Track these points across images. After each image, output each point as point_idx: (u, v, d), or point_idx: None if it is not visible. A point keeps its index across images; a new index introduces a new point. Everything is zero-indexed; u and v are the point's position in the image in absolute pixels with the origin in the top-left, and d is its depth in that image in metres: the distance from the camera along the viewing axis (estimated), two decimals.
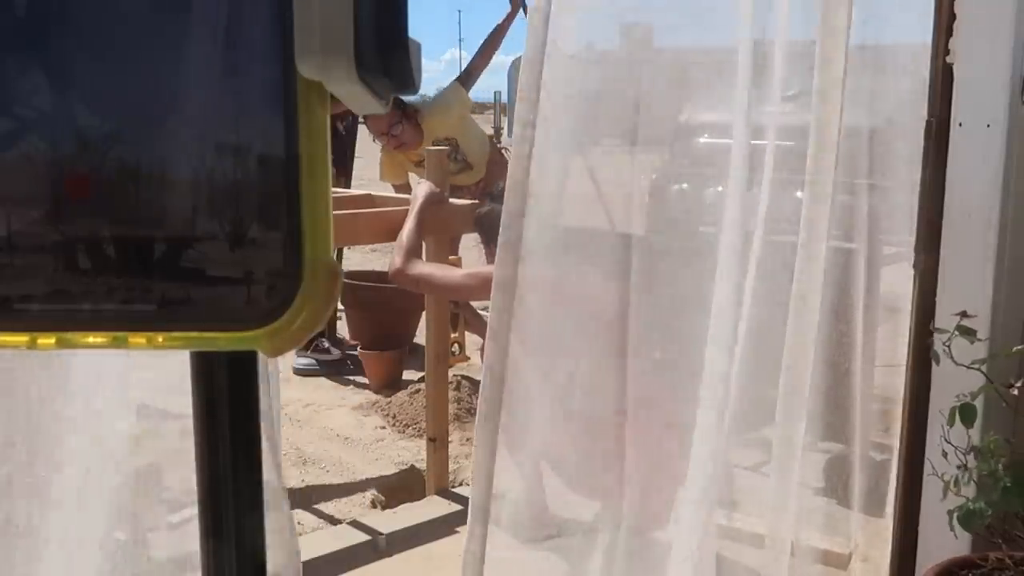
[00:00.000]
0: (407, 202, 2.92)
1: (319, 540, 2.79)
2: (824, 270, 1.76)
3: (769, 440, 1.84)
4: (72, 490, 1.07)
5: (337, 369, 4.64)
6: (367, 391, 4.40)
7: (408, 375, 4.43)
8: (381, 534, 2.79)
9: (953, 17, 1.80)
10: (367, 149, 5.11)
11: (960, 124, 1.83)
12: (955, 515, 1.61)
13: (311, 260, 0.33)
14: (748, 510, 2.01)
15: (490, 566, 1.82)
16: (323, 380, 4.59)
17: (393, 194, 3.85)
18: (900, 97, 2.02)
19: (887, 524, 2.08)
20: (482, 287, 2.54)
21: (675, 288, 1.85)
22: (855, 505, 2.13)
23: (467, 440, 3.69)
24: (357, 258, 6.80)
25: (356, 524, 2.91)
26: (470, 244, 4.20)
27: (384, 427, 3.99)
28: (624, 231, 1.93)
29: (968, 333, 1.63)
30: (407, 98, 4.12)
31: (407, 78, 0.35)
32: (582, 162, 2.00)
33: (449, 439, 3.29)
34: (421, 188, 2.92)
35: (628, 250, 1.85)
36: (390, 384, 4.36)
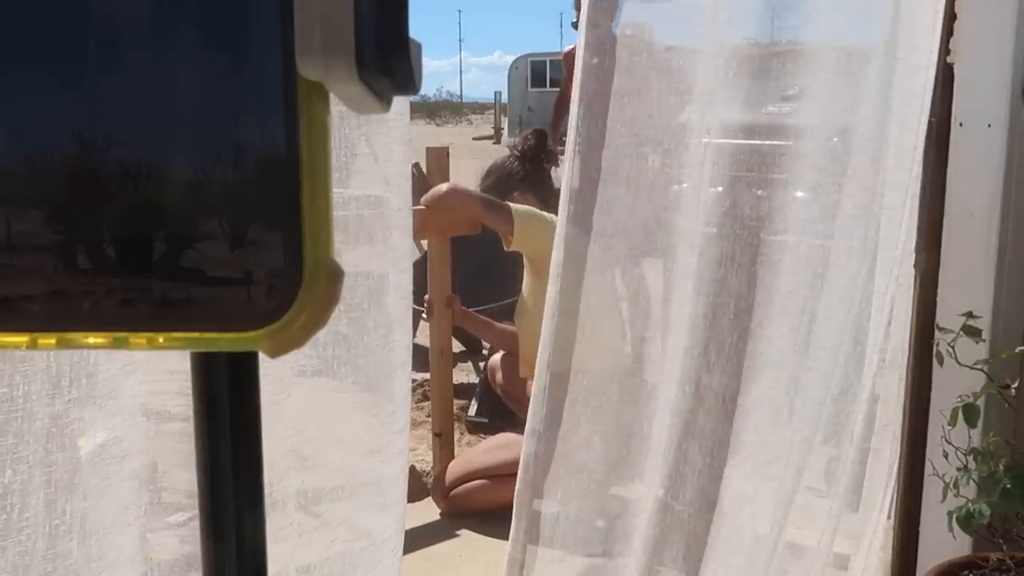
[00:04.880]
0: None
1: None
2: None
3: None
4: None
5: None
6: None
7: None
8: None
9: (953, 17, 1.80)
10: None
11: (960, 124, 1.83)
12: (954, 516, 1.61)
13: (312, 260, 0.33)
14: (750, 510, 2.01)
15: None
16: None
17: None
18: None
19: (883, 523, 2.08)
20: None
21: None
22: (854, 504, 2.13)
23: (468, 443, 3.69)
24: None
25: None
26: None
27: None
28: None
29: (973, 333, 1.63)
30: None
31: (408, 79, 0.35)
32: None
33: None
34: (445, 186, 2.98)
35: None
36: None
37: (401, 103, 1.27)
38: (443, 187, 2.98)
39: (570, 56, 4.91)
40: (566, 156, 1.88)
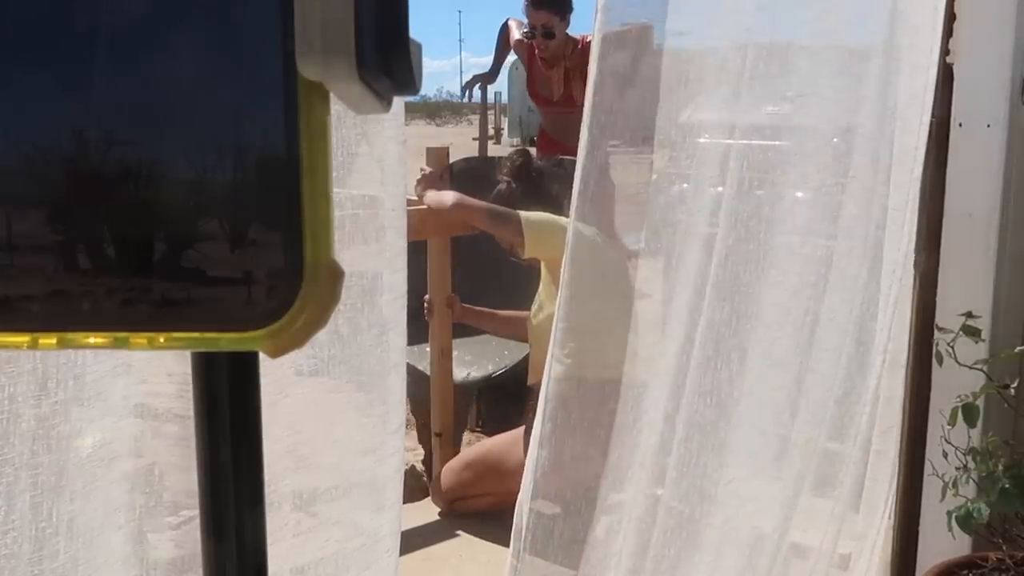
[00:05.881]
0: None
1: None
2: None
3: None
4: None
5: None
6: None
7: None
8: None
9: (953, 17, 1.80)
10: None
11: (960, 124, 1.83)
12: (954, 515, 1.61)
13: (312, 260, 0.33)
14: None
15: None
16: None
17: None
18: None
19: (885, 524, 2.08)
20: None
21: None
22: (855, 505, 2.13)
23: (468, 443, 3.69)
24: None
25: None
26: None
27: None
28: None
29: (972, 333, 1.63)
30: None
31: (408, 79, 0.35)
32: None
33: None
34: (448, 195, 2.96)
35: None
36: None
37: (396, 103, 1.27)
38: (448, 199, 2.94)
39: (507, 38, 4.95)
40: (578, 158, 1.86)
